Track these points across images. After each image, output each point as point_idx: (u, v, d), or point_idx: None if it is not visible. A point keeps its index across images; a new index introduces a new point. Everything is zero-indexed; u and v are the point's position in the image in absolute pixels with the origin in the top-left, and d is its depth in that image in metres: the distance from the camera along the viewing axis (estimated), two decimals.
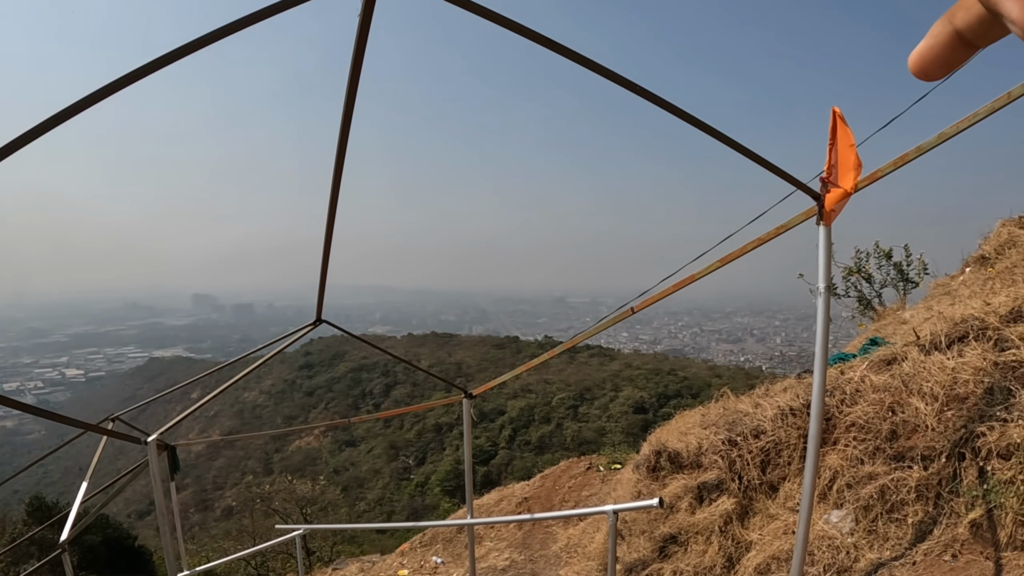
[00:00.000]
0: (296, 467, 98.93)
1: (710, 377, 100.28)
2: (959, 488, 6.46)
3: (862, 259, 17.23)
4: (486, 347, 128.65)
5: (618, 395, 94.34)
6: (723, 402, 10.77)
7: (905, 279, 16.65)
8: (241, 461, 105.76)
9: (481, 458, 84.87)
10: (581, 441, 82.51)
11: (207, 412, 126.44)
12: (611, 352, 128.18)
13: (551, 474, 18.01)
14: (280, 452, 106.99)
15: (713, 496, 8.91)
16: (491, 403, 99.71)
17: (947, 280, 14.10)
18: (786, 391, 9.18)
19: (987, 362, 6.85)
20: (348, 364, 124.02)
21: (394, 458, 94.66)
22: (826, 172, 5.69)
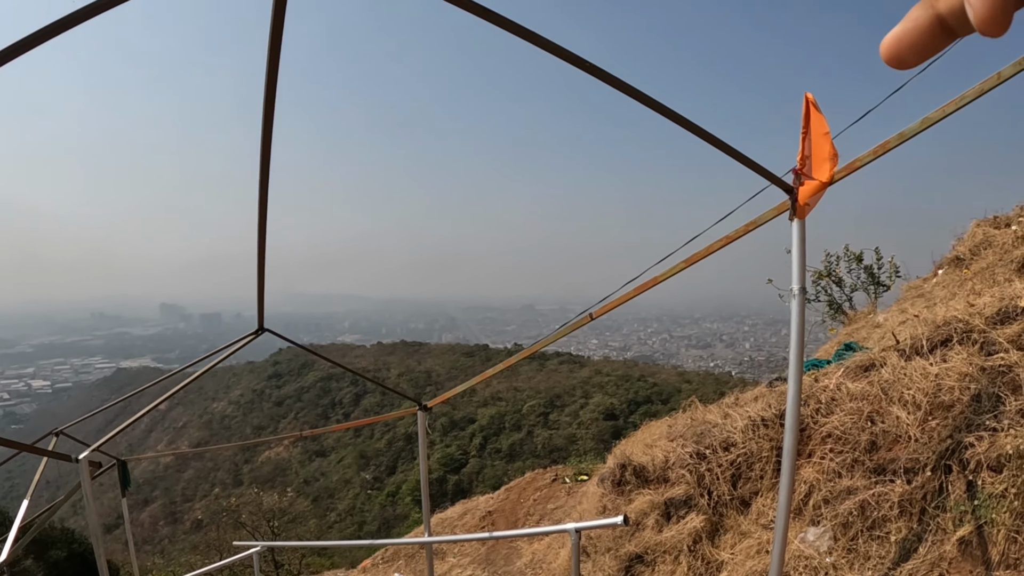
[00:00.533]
0: (266, 478, 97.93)
1: (680, 383, 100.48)
2: (946, 503, 5.95)
3: (832, 262, 16.94)
4: (455, 355, 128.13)
5: (588, 402, 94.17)
6: (691, 412, 10.22)
7: (876, 282, 16.36)
8: (211, 473, 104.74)
9: (452, 467, 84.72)
10: (552, 448, 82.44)
11: (175, 423, 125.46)
12: (581, 359, 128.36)
13: (516, 486, 17.44)
14: (250, 463, 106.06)
15: (681, 513, 8.35)
16: (461, 411, 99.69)
17: (919, 283, 13.76)
18: (757, 400, 8.65)
19: (973, 367, 6.34)
20: (317, 373, 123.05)
21: (364, 468, 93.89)
22: (799, 163, 5.20)
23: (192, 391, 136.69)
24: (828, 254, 17.17)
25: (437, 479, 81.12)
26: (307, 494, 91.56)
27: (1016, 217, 12.04)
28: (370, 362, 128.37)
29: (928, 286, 12.81)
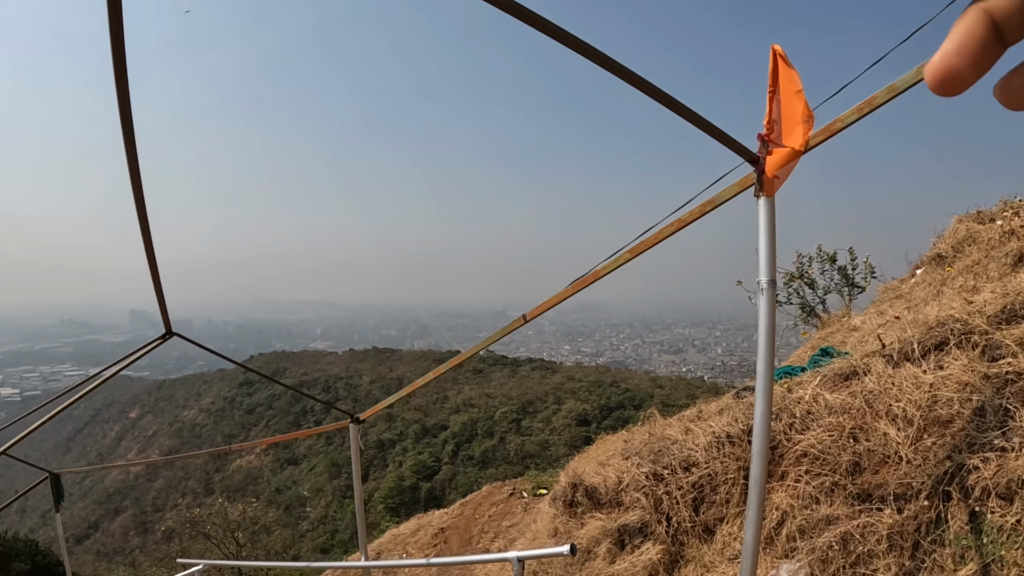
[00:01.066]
0: (237, 487, 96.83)
1: (652, 388, 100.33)
2: (944, 536, 4.99)
3: (804, 263, 16.15)
4: (427, 362, 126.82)
5: (561, 408, 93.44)
6: (649, 426, 9.15)
7: (851, 284, 15.61)
8: (181, 482, 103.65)
9: (424, 474, 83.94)
10: (524, 455, 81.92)
11: (146, 432, 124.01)
12: (553, 365, 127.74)
13: (472, 500, 16.59)
14: (221, 472, 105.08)
15: (636, 542, 7.27)
16: (433, 418, 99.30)
17: (896, 284, 13.00)
18: (722, 413, 7.59)
19: (975, 375, 5.35)
20: (289, 381, 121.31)
21: (336, 476, 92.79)
22: (766, 128, 4.16)
23: (163, 399, 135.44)
24: (800, 255, 16.38)
25: (410, 487, 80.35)
26: (278, 503, 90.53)
27: (1000, 212, 11.16)
28: (342, 369, 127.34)
29: (906, 287, 12.03)
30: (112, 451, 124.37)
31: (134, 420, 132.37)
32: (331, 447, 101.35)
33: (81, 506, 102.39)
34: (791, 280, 16.09)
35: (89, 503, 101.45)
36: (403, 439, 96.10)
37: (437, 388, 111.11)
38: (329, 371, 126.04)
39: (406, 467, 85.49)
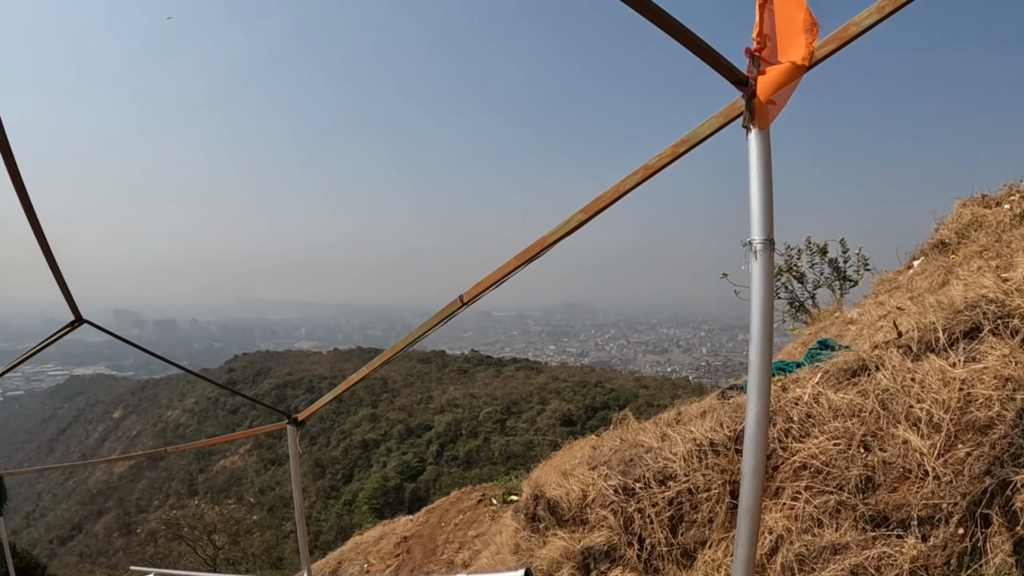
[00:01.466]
0: (220, 487, 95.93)
1: (637, 388, 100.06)
2: (983, 571, 3.94)
3: (793, 256, 15.21)
4: (412, 361, 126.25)
5: (545, 408, 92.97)
6: (620, 430, 8.05)
7: (842, 277, 14.71)
8: (164, 483, 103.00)
9: (409, 474, 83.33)
10: (509, 455, 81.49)
11: (129, 432, 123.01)
12: (537, 365, 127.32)
13: (439, 507, 15.68)
14: (204, 472, 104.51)
15: (603, 567, 6.18)
16: (418, 418, 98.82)
17: (892, 275, 12.00)
18: (705, 416, 6.46)
19: (1019, 368, 4.30)
20: (272, 380, 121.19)
21: (320, 476, 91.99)
22: (755, 42, 3.07)
23: (146, 399, 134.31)
24: (788, 247, 15.40)
25: (394, 487, 79.76)
26: (263, 504, 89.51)
27: (1007, 196, 10.34)
28: (326, 369, 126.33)
29: (903, 278, 11.01)
30: (95, 451, 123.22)
31: (118, 420, 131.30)
32: (315, 447, 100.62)
33: (65, 507, 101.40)
34: (780, 273, 15.12)
35: (72, 504, 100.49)
36: (387, 439, 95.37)
37: (422, 388, 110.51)
38: (314, 371, 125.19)
39: (390, 467, 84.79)
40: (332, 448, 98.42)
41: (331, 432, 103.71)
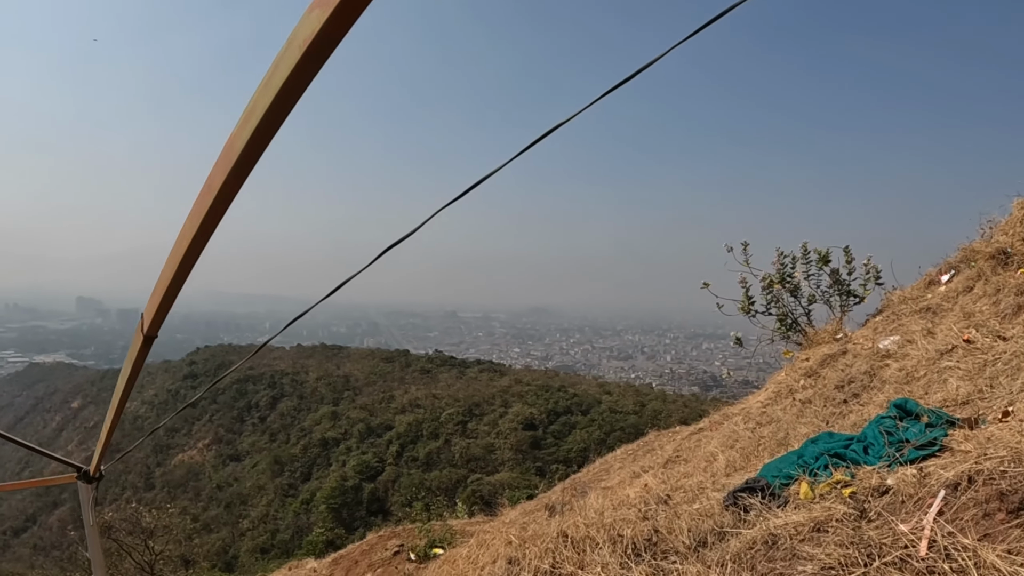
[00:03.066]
0: (178, 483, 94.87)
1: (600, 394, 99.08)
2: None
3: (787, 264, 13.01)
4: (375, 360, 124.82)
5: (507, 411, 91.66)
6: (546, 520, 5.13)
7: (846, 291, 12.51)
8: (121, 475, 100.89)
9: (368, 474, 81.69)
10: (469, 458, 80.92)
11: (87, 423, 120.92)
12: (501, 368, 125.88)
13: (348, 556, 13.06)
14: (162, 467, 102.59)
15: None
16: (379, 417, 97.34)
17: (916, 291, 10.10)
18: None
19: None
20: (234, 375, 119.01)
21: (279, 474, 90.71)
22: None
23: (105, 389, 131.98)
24: (782, 253, 13.13)
25: (353, 487, 78.45)
26: (219, 500, 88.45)
27: None
28: (288, 365, 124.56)
29: (933, 296, 9.04)
30: (52, 441, 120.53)
31: (76, 410, 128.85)
32: (275, 444, 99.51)
33: (19, 498, 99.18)
34: (770, 285, 13.04)
35: (27, 495, 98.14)
36: (348, 438, 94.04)
37: (384, 387, 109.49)
38: (275, 366, 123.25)
39: (349, 467, 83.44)
40: (291, 445, 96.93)
41: (291, 429, 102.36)
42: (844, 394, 7.24)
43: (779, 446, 6.85)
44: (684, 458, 9.61)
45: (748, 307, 12.92)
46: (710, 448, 8.36)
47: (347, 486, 78.74)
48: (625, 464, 13.57)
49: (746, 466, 6.72)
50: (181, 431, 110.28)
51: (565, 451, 79.42)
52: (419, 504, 27.76)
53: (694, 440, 10.55)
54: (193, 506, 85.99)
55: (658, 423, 55.39)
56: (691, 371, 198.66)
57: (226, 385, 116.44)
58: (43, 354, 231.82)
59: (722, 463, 7.19)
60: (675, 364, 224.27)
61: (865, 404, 6.56)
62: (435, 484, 72.38)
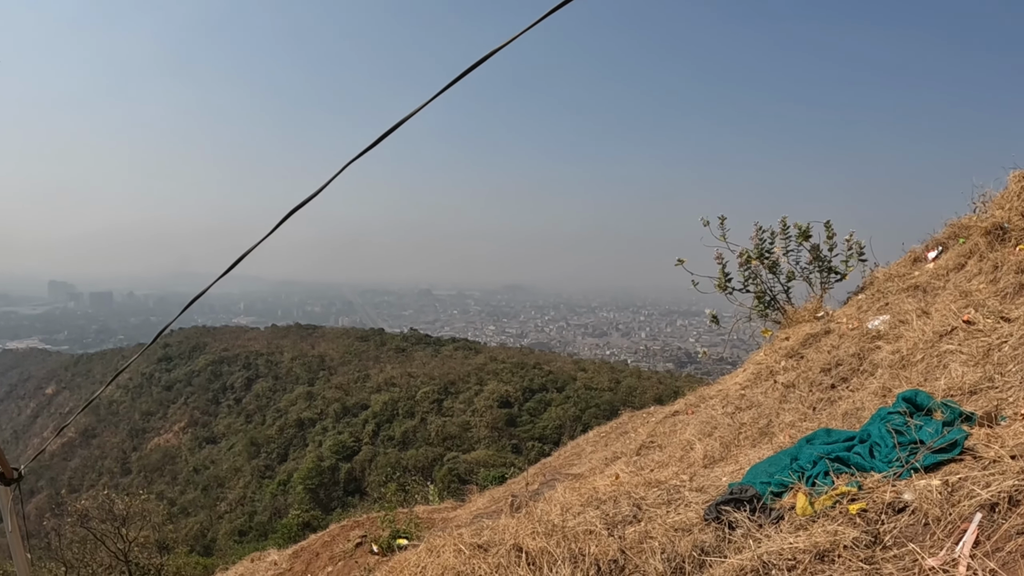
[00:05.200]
0: (154, 467, 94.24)
1: (575, 371, 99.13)
2: None
3: (765, 239, 12.41)
4: (350, 339, 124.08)
5: (483, 389, 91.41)
6: None
7: (826, 268, 11.96)
8: (97, 461, 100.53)
9: (344, 454, 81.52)
10: (445, 436, 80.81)
11: (61, 408, 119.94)
12: (476, 345, 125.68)
13: (310, 547, 12.94)
14: (138, 451, 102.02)
15: None
16: (354, 397, 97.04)
17: (902, 268, 9.56)
18: None
19: None
20: (208, 357, 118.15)
21: (255, 455, 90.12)
22: None
23: (80, 374, 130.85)
24: (760, 228, 12.47)
25: (329, 467, 78.24)
26: (196, 483, 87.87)
27: None
28: (263, 345, 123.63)
29: (921, 274, 8.50)
30: (27, 428, 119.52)
31: (50, 396, 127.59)
32: (250, 425, 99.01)
33: None
34: (748, 261, 12.37)
35: None
36: (323, 418, 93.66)
37: (359, 366, 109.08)
38: (250, 347, 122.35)
39: (326, 447, 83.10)
40: (267, 426, 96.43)
41: (267, 410, 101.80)
42: (831, 378, 6.71)
43: (761, 435, 6.34)
44: (659, 444, 9.09)
45: (724, 284, 12.35)
46: (686, 435, 7.79)
47: (324, 466, 78.46)
48: (597, 448, 13.05)
49: (726, 456, 6.22)
50: (156, 415, 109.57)
51: (541, 428, 79.45)
52: (393, 485, 27.20)
53: (669, 424, 9.98)
54: (170, 490, 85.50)
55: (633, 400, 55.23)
56: (665, 348, 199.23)
57: (201, 367, 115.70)
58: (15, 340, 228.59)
59: (699, 453, 6.64)
60: (649, 341, 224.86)
61: (856, 390, 6.04)
62: (411, 463, 71.99)
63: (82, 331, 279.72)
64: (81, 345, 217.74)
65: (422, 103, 2.72)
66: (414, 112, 2.76)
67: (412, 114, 2.75)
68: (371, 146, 2.82)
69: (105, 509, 29.69)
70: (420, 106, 2.76)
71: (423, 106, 2.77)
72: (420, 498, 22.53)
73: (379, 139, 2.78)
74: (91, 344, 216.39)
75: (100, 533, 28.48)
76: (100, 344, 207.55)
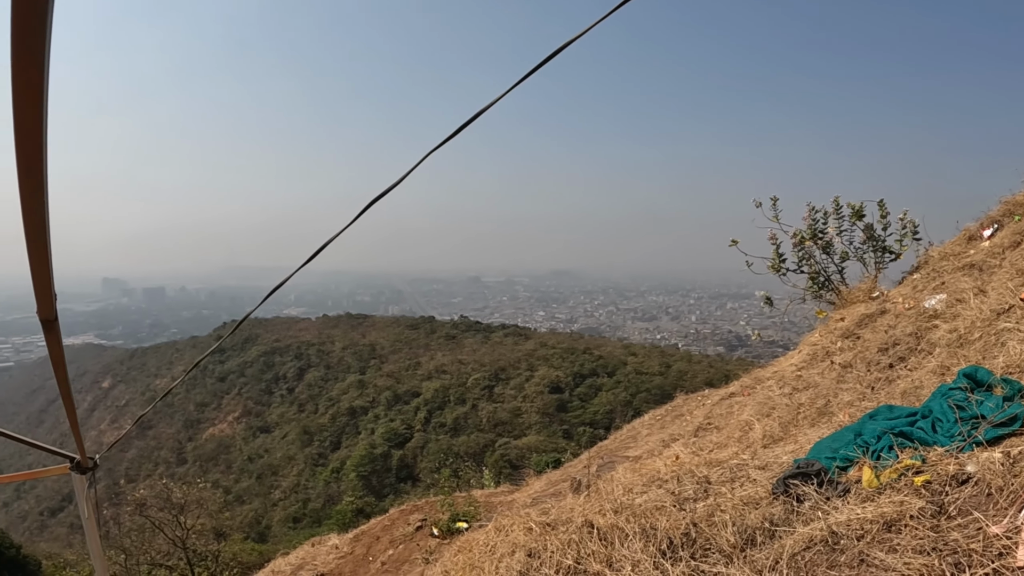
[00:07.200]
0: (209, 456, 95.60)
1: (625, 355, 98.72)
2: None
3: (818, 220, 12.36)
4: (400, 328, 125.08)
5: (533, 375, 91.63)
6: None
7: (880, 247, 11.78)
8: (153, 451, 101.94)
9: (396, 441, 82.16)
10: (497, 422, 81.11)
11: (118, 401, 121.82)
12: (526, 331, 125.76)
13: (369, 531, 13.14)
14: (193, 441, 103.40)
15: None
16: (405, 384, 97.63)
17: (956, 247, 9.35)
18: None
19: None
20: (260, 348, 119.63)
21: (308, 444, 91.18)
22: None
23: (134, 368, 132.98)
24: (813, 208, 12.37)
25: (381, 454, 78.87)
26: (251, 472, 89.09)
27: None
28: (314, 335, 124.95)
29: (976, 252, 8.36)
30: (85, 421, 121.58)
31: (106, 390, 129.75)
32: (303, 414, 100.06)
33: (54, 478, 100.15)
34: (801, 242, 12.24)
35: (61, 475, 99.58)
36: (375, 406, 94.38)
37: (410, 354, 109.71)
38: (301, 337, 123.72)
39: (378, 435, 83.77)
40: (320, 415, 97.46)
41: (319, 399, 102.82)
42: (889, 358, 6.68)
43: (820, 415, 6.37)
44: (716, 426, 9.12)
45: (779, 265, 12.24)
46: (744, 416, 7.82)
47: (376, 454, 79.15)
48: (653, 431, 13.04)
49: (785, 436, 6.25)
50: (211, 405, 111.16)
51: (591, 413, 79.42)
52: (446, 470, 27.42)
53: (725, 406, 9.98)
54: (225, 479, 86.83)
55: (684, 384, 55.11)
56: (716, 331, 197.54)
57: (253, 358, 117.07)
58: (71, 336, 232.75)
59: (759, 433, 6.67)
60: (700, 324, 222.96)
61: (914, 369, 6.02)
62: (463, 449, 72.49)
63: (136, 326, 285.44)
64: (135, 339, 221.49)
65: (504, 90, 2.83)
66: (496, 100, 2.87)
67: (494, 102, 2.87)
68: (453, 134, 2.95)
69: (163, 498, 30.39)
70: (503, 93, 2.86)
71: (505, 93, 2.88)
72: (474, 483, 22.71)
73: (461, 127, 2.90)
74: (145, 338, 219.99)
75: (158, 521, 29.17)
76: (153, 338, 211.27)
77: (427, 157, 3.03)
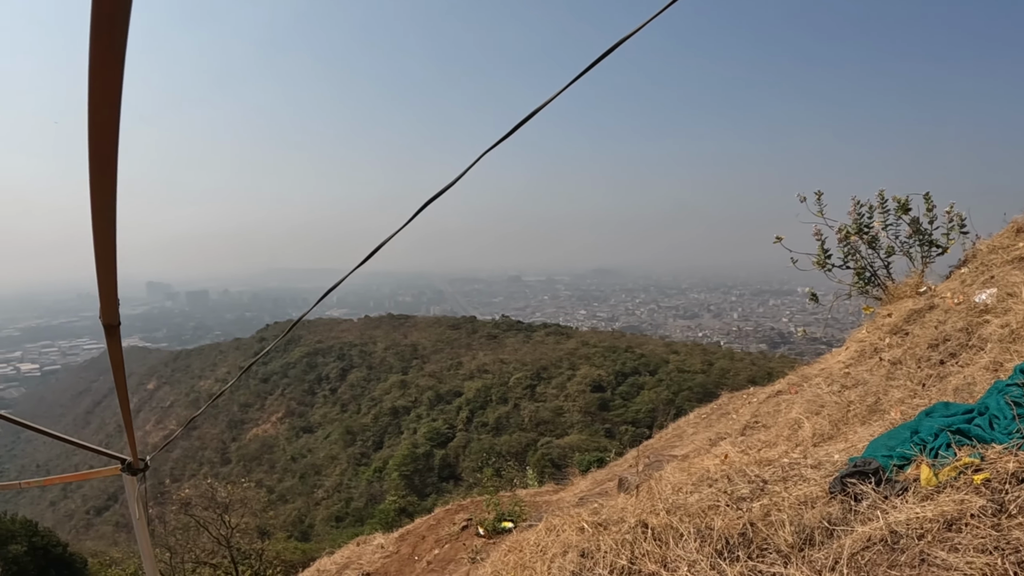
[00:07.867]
0: (252, 456, 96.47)
1: (667, 353, 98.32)
2: None
3: (864, 214, 12.01)
4: (441, 328, 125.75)
5: (575, 373, 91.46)
6: None
7: (927, 242, 11.46)
8: (198, 451, 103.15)
9: (438, 441, 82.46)
10: (539, 421, 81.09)
11: (163, 403, 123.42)
12: (567, 330, 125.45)
13: (415, 531, 13.10)
14: (237, 441, 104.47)
15: None
16: (447, 384, 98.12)
17: (1005, 240, 9.15)
18: None
19: None
20: (303, 349, 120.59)
21: (351, 443, 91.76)
22: None
23: (179, 370, 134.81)
24: (858, 203, 12.03)
25: (424, 454, 79.15)
26: (294, 471, 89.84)
27: None
28: (356, 336, 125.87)
29: None
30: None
31: (151, 391, 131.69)
32: (346, 414, 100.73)
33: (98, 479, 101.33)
34: (847, 237, 11.94)
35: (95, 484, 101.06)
36: (417, 406, 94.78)
37: (451, 354, 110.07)
38: (344, 338, 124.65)
39: (420, 434, 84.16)
40: (362, 415, 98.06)
41: (361, 399, 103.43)
42: (940, 354, 6.57)
43: (870, 412, 6.30)
44: (764, 424, 9.04)
45: (824, 261, 12.03)
46: (792, 414, 7.75)
47: (418, 453, 79.46)
48: (699, 429, 12.97)
49: (835, 435, 6.20)
50: (254, 406, 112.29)
51: (634, 412, 79.15)
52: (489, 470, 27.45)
53: (772, 404, 9.89)
54: (268, 478, 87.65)
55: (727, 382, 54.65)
56: (758, 328, 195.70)
57: (296, 359, 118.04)
58: None
59: (808, 431, 6.62)
60: (742, 321, 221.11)
61: (965, 365, 5.92)
62: (505, 449, 72.54)
63: (180, 328, 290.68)
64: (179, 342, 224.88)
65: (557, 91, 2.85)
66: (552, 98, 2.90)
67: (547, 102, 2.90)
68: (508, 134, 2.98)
69: (207, 497, 30.73)
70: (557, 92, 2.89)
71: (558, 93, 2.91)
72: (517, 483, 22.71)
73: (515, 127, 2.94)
74: (188, 341, 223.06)
75: (203, 520, 29.52)
76: (197, 340, 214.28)
77: (483, 156, 3.07)
